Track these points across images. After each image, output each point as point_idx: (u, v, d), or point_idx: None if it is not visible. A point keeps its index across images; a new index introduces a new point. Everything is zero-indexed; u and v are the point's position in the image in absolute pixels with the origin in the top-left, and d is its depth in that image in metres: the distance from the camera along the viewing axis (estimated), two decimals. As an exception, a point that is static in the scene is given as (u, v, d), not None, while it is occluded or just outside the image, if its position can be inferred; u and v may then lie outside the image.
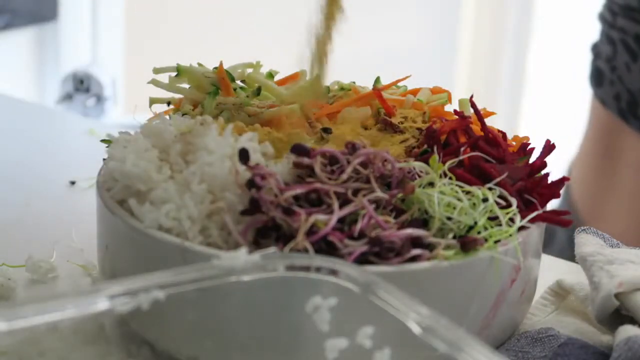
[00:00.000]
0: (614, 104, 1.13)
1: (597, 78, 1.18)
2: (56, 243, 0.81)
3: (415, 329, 0.52)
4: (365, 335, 0.54)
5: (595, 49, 1.20)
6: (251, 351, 0.58)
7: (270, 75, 0.80)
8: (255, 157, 0.65)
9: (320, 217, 0.61)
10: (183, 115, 0.73)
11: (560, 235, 1.17)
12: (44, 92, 2.41)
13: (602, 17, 1.19)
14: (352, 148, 0.65)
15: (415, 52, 2.61)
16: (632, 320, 0.64)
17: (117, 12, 2.50)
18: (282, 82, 0.80)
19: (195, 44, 2.53)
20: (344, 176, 0.63)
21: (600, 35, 1.20)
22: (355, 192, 0.63)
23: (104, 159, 0.69)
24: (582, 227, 0.73)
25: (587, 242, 0.71)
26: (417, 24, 2.69)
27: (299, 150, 0.65)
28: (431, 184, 0.65)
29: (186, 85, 0.77)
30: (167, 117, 0.73)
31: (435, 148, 0.69)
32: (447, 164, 0.66)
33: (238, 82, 0.78)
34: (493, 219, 0.64)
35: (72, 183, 0.95)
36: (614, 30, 1.15)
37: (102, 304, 0.53)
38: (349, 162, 0.64)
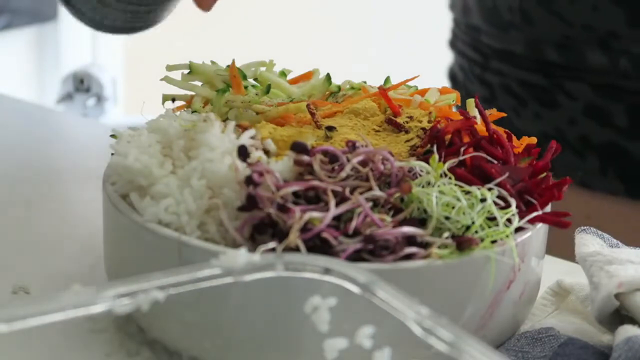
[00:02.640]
0: None
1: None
2: (57, 242, 0.81)
3: (415, 329, 0.52)
4: (365, 335, 0.54)
5: (464, 88, 1.19)
6: (250, 351, 0.58)
7: (283, 74, 0.80)
8: (256, 154, 0.65)
9: (315, 214, 0.61)
10: (193, 112, 0.74)
11: None
12: (44, 92, 2.41)
13: (463, 55, 1.17)
14: (352, 146, 0.65)
15: (417, 51, 2.61)
16: (632, 320, 0.64)
17: (117, 12, 2.49)
18: (294, 81, 0.80)
19: (196, 43, 2.53)
20: (343, 174, 0.63)
21: (467, 74, 1.18)
22: (353, 191, 0.63)
23: (112, 153, 0.69)
24: (582, 227, 0.73)
25: (587, 242, 0.71)
26: (424, 24, 2.69)
27: (298, 148, 0.65)
28: (430, 184, 0.65)
29: (199, 83, 0.78)
30: (177, 113, 0.73)
31: (436, 148, 0.69)
32: (447, 163, 0.66)
33: (251, 80, 0.79)
34: (494, 219, 0.64)
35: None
36: (488, 73, 1.14)
37: (102, 305, 0.53)
38: (349, 161, 0.64)
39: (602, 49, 1.04)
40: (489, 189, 0.64)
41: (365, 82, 0.80)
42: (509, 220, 0.64)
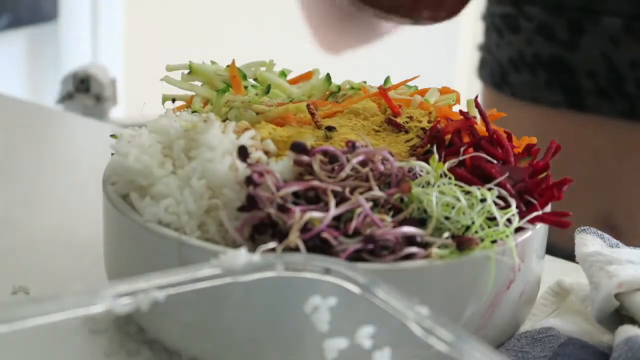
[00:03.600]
0: (489, 78, 1.29)
1: (479, 64, 1.33)
2: (57, 242, 0.81)
3: (415, 329, 0.52)
4: (365, 335, 0.54)
5: (481, 49, 1.33)
6: (250, 351, 0.58)
7: (283, 74, 0.80)
8: (256, 155, 0.65)
9: (315, 214, 0.61)
10: (193, 112, 0.74)
11: None
12: (44, 92, 2.41)
13: (482, 17, 1.32)
14: (352, 146, 0.65)
15: (417, 51, 2.61)
16: (632, 320, 0.64)
17: (117, 12, 2.50)
18: (294, 81, 0.80)
19: (195, 43, 2.53)
20: (342, 174, 0.64)
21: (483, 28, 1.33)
22: (353, 191, 0.63)
23: (112, 153, 0.70)
24: (582, 227, 0.73)
25: (587, 242, 0.71)
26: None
27: (298, 148, 0.65)
28: (430, 184, 0.65)
29: (199, 83, 0.78)
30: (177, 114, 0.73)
31: (436, 148, 0.69)
32: (447, 163, 0.66)
33: (251, 80, 0.79)
34: (494, 219, 0.64)
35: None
36: (486, 19, 1.29)
37: (102, 305, 0.53)
38: (349, 161, 0.64)
39: None
40: (489, 189, 0.64)
41: (365, 82, 0.80)
42: (509, 220, 0.64)
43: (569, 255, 0.74)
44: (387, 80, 0.80)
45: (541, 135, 1.17)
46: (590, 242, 0.70)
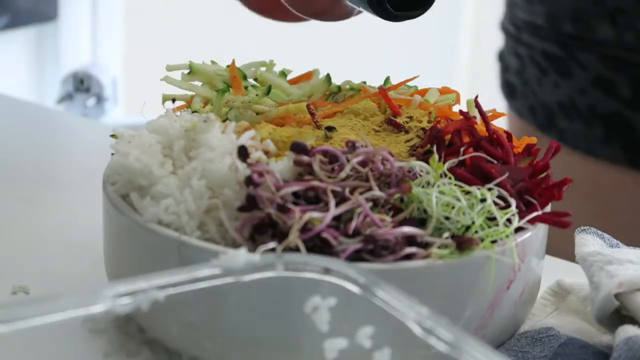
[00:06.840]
0: (530, 115, 1.18)
1: (510, 91, 1.23)
2: (57, 242, 0.81)
3: (415, 329, 0.52)
4: (365, 336, 0.54)
5: (502, 60, 1.25)
6: (250, 351, 0.58)
7: (283, 74, 0.80)
8: (256, 155, 0.66)
9: (315, 214, 0.61)
10: (193, 112, 0.74)
11: None
12: (44, 92, 2.41)
13: (505, 29, 1.23)
14: (352, 146, 0.65)
15: (417, 51, 2.61)
16: (632, 320, 0.64)
17: (117, 12, 2.50)
18: (294, 81, 0.80)
19: (196, 43, 2.53)
20: (342, 174, 0.64)
21: (506, 47, 1.24)
22: (353, 191, 0.63)
23: (112, 153, 0.70)
24: (582, 227, 0.73)
25: (587, 242, 0.71)
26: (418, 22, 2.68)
27: (298, 148, 0.65)
28: (430, 184, 0.65)
29: (199, 83, 0.78)
30: (177, 114, 0.73)
31: (436, 148, 0.69)
32: (447, 163, 0.66)
33: (251, 80, 0.79)
34: (494, 219, 0.64)
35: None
36: (520, 45, 1.19)
37: (102, 304, 0.53)
38: (348, 161, 0.64)
39: (610, 23, 1.09)
40: (489, 189, 0.65)
41: (365, 82, 0.80)
42: (509, 220, 0.64)
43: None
44: (387, 80, 0.80)
45: (596, 188, 1.09)
46: (590, 242, 0.70)
